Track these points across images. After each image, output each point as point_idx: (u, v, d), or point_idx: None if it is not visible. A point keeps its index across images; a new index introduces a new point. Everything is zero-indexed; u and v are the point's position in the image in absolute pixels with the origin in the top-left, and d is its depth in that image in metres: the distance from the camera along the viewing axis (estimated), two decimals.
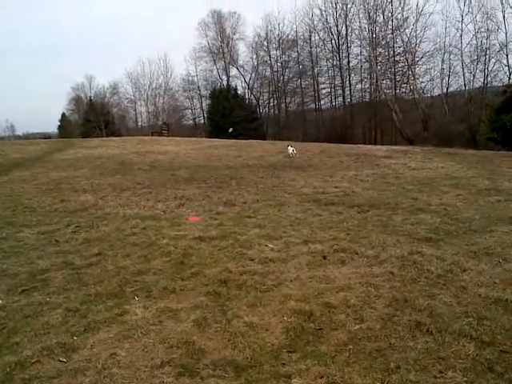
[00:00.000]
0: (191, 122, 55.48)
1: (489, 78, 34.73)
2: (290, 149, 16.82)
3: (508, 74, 32.54)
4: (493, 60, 34.27)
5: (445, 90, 38.09)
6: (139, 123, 57.40)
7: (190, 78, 52.08)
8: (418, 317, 3.49)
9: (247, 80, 50.00)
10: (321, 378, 2.74)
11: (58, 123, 56.36)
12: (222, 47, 49.48)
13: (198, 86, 52.16)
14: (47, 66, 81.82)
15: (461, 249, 5.21)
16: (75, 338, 3.39)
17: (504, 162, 14.15)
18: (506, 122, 21.98)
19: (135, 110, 57.13)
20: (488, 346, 3.06)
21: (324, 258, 5.06)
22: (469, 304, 3.73)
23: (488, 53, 34.16)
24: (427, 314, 3.54)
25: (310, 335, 3.32)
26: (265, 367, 2.90)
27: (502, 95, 23.94)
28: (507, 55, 32.89)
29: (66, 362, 3.05)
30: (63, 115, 56.97)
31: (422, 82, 39.35)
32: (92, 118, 48.37)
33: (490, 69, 34.52)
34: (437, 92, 39.39)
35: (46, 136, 45.10)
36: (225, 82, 50.01)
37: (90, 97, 53.82)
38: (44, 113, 79.71)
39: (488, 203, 7.74)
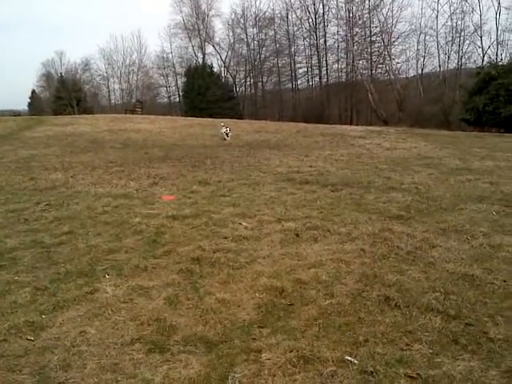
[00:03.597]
0: (166, 100, 54.63)
1: (463, 60, 35.22)
2: (223, 130, 15.23)
3: (482, 55, 33.02)
4: (467, 42, 34.70)
5: (420, 71, 38.46)
6: (112, 101, 56.16)
7: (165, 55, 51.02)
8: (386, 292, 3.56)
9: (223, 58, 49.31)
10: (290, 351, 2.77)
11: (28, 100, 54.78)
12: (197, 24, 48.47)
13: (173, 64, 51.16)
14: (15, 40, 78.96)
15: (431, 226, 5.32)
16: (44, 316, 3.33)
17: (475, 143, 14.45)
18: (479, 104, 22.41)
19: (108, 88, 55.76)
20: (454, 320, 3.15)
21: (297, 235, 5.09)
22: (436, 279, 3.82)
23: (463, 34, 34.56)
24: (396, 289, 3.61)
25: (281, 311, 3.35)
26: (235, 342, 2.92)
27: (476, 77, 24.29)
28: (481, 37, 33.34)
29: (33, 341, 3.00)
30: (33, 92, 55.34)
31: (398, 63, 39.63)
32: (63, 95, 46.97)
33: (464, 50, 34.97)
34: (412, 73, 39.74)
35: (15, 113, 43.56)
36: (200, 60, 49.12)
37: (61, 73, 52.25)
38: (13, 90, 76.95)
39: (458, 182, 7.91)
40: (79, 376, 2.62)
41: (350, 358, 2.71)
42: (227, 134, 15.22)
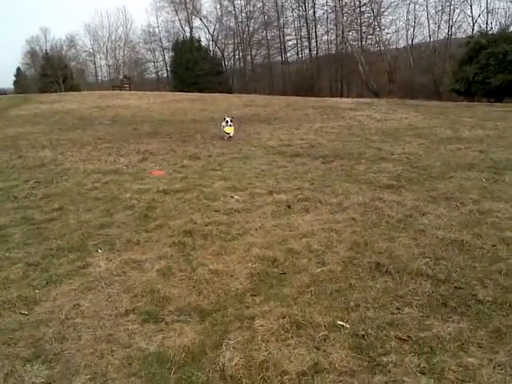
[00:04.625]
0: (154, 75, 53.85)
1: (453, 29, 34.98)
2: (226, 126, 9.98)
3: (471, 24, 32.81)
4: (457, 11, 34.39)
5: (410, 42, 38.14)
6: (99, 77, 55.35)
7: (151, 30, 50.08)
8: (377, 259, 3.61)
9: (211, 31, 48.46)
10: (283, 318, 2.81)
11: (14, 78, 53.72)
12: None
13: (160, 38, 50.24)
14: None
15: (421, 194, 5.36)
16: (37, 291, 3.34)
17: (465, 112, 14.44)
18: (469, 74, 22.33)
19: (94, 64, 54.85)
20: (443, 284, 3.21)
21: (288, 207, 5.11)
22: (427, 245, 3.87)
23: (452, 3, 34.21)
24: (386, 256, 3.66)
25: (273, 279, 3.38)
26: (229, 310, 2.96)
27: (466, 46, 24.11)
28: (471, 6, 33.10)
29: (27, 315, 3.01)
30: (18, 70, 54.20)
31: (388, 34, 39.23)
32: (49, 72, 45.97)
33: (454, 19, 34.65)
34: (402, 44, 39.43)
35: (1, 92, 42.74)
36: (188, 34, 48.20)
37: (46, 50, 51.03)
38: None
39: (449, 151, 7.94)
40: (75, 347, 2.64)
41: (341, 323, 2.76)
42: (227, 131, 10.10)
